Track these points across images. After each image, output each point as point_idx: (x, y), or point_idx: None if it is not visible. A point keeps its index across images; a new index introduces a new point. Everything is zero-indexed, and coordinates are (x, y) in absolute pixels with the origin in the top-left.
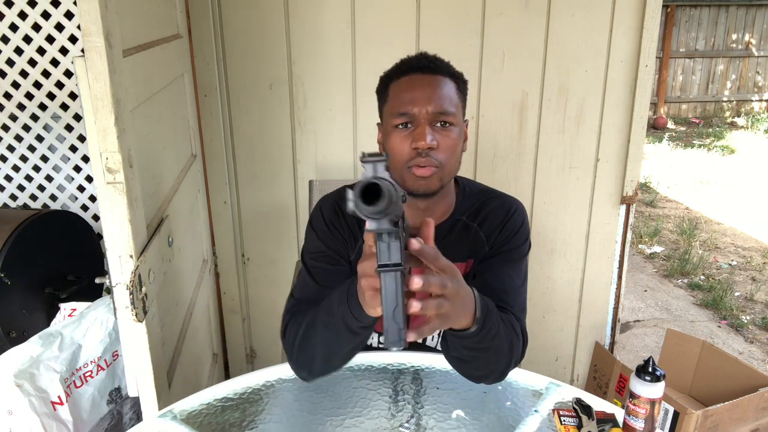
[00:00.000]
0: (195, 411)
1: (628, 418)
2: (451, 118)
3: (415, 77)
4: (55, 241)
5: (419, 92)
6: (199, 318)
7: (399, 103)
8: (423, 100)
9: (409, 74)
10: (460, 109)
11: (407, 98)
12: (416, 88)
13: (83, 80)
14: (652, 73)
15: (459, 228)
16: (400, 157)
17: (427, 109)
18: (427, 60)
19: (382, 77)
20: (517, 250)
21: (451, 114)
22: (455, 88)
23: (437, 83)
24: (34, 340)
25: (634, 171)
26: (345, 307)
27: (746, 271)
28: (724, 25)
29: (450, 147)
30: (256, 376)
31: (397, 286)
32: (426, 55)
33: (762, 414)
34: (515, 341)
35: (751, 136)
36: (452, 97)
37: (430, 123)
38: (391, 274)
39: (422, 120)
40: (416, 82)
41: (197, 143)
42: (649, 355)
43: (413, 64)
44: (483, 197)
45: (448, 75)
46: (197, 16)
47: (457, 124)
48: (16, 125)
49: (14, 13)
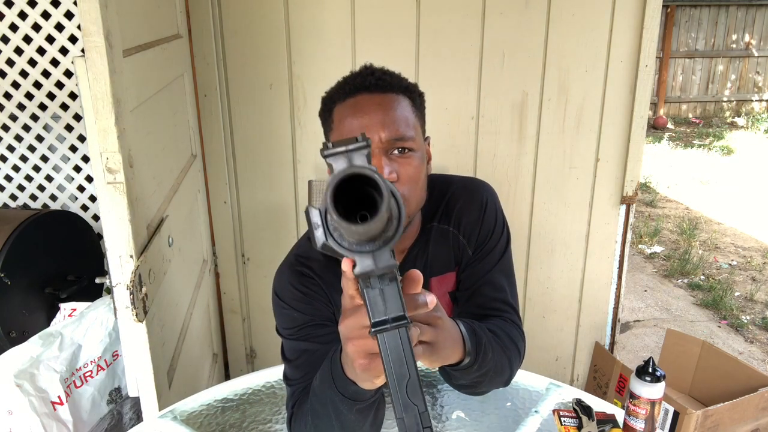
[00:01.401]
0: (195, 411)
1: (629, 418)
2: (409, 143)
3: (361, 98)
4: (55, 241)
5: (368, 117)
6: (199, 318)
7: (346, 131)
8: (374, 126)
9: (355, 95)
10: (418, 129)
11: (355, 125)
12: (364, 111)
13: (83, 80)
14: (652, 73)
15: (435, 235)
16: None
17: (381, 135)
18: (373, 77)
19: (324, 98)
20: (499, 245)
21: (410, 138)
22: (410, 105)
23: (389, 104)
24: (34, 340)
25: (634, 171)
26: (334, 392)
27: (746, 271)
28: (724, 25)
29: (412, 176)
30: (256, 376)
31: (404, 346)
32: (372, 70)
33: (762, 414)
34: (513, 353)
35: (751, 136)
36: (408, 117)
37: (386, 152)
38: (393, 332)
39: (376, 150)
40: (364, 104)
41: (197, 143)
42: (649, 356)
43: (358, 82)
44: (445, 190)
45: (400, 91)
46: (197, 16)
47: (417, 148)
48: (16, 125)
49: (14, 13)
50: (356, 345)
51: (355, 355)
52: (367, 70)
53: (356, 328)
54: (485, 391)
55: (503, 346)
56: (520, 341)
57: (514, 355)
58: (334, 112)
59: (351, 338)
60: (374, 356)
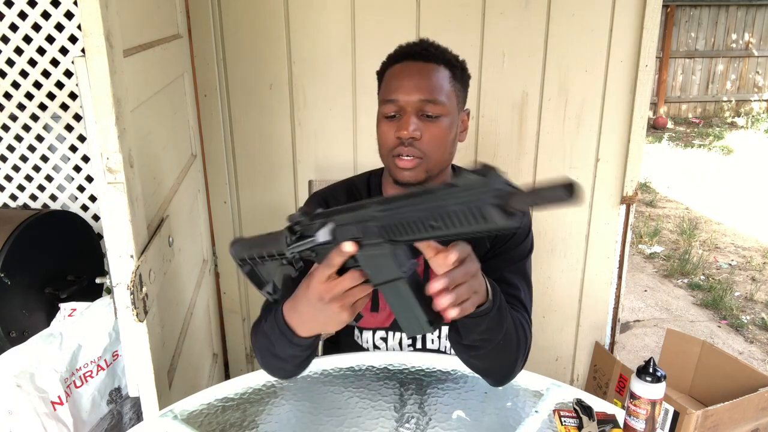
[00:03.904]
0: (195, 411)
1: (629, 418)
2: (438, 108)
3: (406, 65)
4: (55, 241)
5: (407, 80)
6: (199, 318)
7: (388, 90)
8: (410, 89)
9: (403, 61)
10: (453, 97)
11: (396, 86)
12: (405, 75)
13: (83, 80)
14: (652, 73)
15: None
16: (385, 144)
17: (414, 97)
18: (420, 47)
19: (384, 61)
20: (519, 249)
21: (440, 103)
22: (449, 76)
23: (427, 71)
24: (34, 340)
25: (634, 171)
26: (278, 332)
27: (746, 271)
28: (724, 25)
29: (435, 138)
30: (256, 376)
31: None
32: (422, 41)
33: (762, 414)
34: (521, 335)
35: (751, 136)
36: (443, 85)
37: (416, 112)
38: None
39: (408, 109)
40: (407, 69)
41: (197, 143)
42: (649, 356)
43: (406, 50)
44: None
45: (442, 62)
46: (197, 16)
47: (447, 114)
48: (16, 125)
49: (14, 13)
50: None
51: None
52: (419, 41)
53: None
54: (486, 365)
55: (515, 323)
56: (529, 334)
57: (522, 339)
58: (386, 72)
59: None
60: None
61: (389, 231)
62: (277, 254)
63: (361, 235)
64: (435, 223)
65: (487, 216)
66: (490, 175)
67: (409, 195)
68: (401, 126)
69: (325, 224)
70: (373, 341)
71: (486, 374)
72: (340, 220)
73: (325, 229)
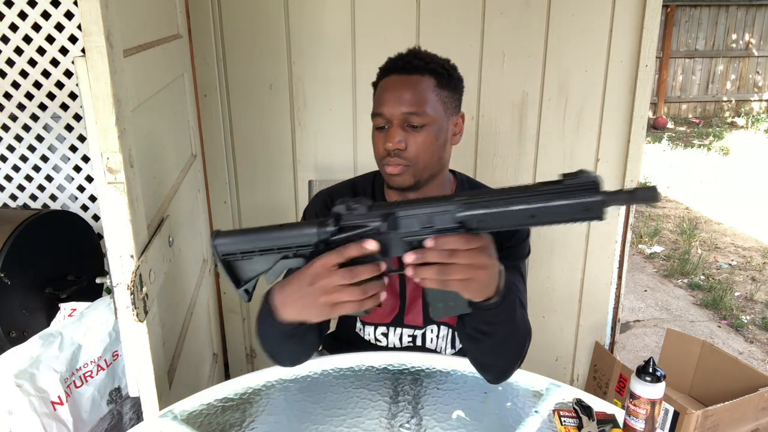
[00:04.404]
0: (195, 411)
1: (629, 418)
2: (422, 118)
3: (392, 78)
4: (55, 241)
5: (391, 94)
6: (199, 318)
7: (376, 104)
8: (394, 102)
9: (390, 74)
10: (438, 105)
11: (382, 99)
12: (390, 89)
13: (84, 80)
14: (652, 73)
15: None
16: (376, 154)
17: (398, 110)
18: (403, 60)
19: (377, 73)
20: (519, 249)
21: (423, 114)
22: (434, 84)
23: (410, 84)
24: (34, 340)
25: (634, 171)
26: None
27: (746, 271)
28: (724, 25)
29: (421, 147)
30: (256, 376)
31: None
32: (409, 52)
33: (762, 414)
34: (525, 333)
35: (751, 136)
36: (426, 96)
37: (401, 124)
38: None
39: (394, 121)
40: (391, 83)
41: (197, 143)
42: (649, 356)
43: (391, 64)
44: (476, 185)
45: (427, 72)
46: (197, 16)
47: (432, 122)
48: (16, 125)
49: (14, 13)
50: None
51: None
52: (404, 53)
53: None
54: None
55: (522, 318)
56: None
57: (525, 335)
58: (378, 85)
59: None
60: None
61: (484, 220)
62: (295, 247)
63: (429, 225)
64: (535, 215)
65: (590, 209)
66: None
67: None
68: (387, 138)
69: (389, 215)
70: (374, 335)
71: (485, 369)
72: (403, 212)
73: (389, 219)
